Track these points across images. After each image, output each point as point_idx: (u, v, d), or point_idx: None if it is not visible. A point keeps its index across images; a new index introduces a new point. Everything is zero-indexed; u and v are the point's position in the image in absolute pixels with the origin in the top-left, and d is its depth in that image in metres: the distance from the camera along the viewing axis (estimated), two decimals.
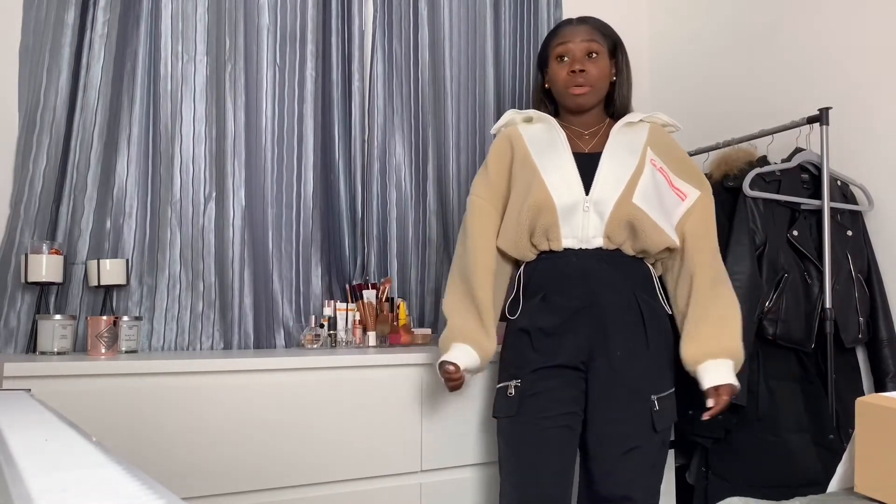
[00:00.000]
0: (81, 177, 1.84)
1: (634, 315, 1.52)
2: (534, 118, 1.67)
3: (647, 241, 1.52)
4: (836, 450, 1.80)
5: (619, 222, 1.50)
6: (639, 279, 1.56)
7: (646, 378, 1.50)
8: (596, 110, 1.65)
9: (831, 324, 1.90)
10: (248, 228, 2.02)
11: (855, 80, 2.14)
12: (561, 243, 1.52)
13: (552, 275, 1.54)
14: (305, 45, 2.15)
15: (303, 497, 1.54)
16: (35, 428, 0.70)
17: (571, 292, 1.51)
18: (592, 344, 1.50)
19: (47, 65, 1.82)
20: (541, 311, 1.53)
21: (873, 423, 0.89)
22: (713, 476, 1.90)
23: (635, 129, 1.63)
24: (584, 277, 1.51)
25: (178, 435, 1.42)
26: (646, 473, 1.50)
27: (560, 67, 1.60)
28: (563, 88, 1.61)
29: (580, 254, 1.53)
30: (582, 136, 1.63)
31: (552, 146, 1.59)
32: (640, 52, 2.92)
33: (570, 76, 1.58)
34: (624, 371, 1.49)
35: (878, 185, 2.06)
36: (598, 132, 1.63)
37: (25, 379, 1.29)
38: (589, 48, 1.60)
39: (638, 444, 1.48)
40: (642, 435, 1.48)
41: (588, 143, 1.62)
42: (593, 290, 1.50)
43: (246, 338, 1.98)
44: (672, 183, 1.60)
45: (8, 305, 1.75)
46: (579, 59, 1.58)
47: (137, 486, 0.44)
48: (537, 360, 1.51)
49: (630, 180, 1.52)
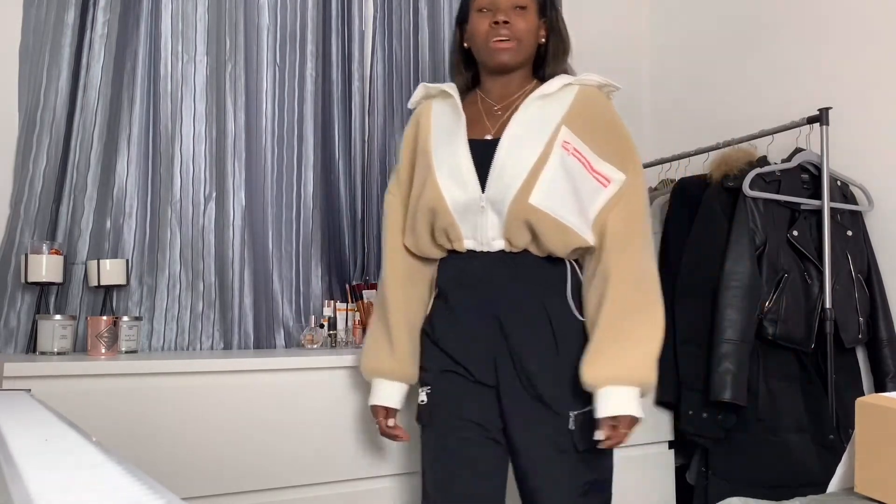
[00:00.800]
0: (81, 177, 1.84)
1: (542, 325, 1.33)
2: (446, 92, 1.45)
3: (550, 243, 1.31)
4: (836, 450, 1.80)
5: (516, 223, 1.31)
6: (550, 284, 1.35)
7: (558, 394, 1.31)
8: (521, 73, 1.43)
9: (831, 324, 1.90)
10: (248, 228, 2.02)
11: (855, 80, 2.14)
12: (462, 244, 1.36)
13: (453, 278, 1.39)
14: (305, 45, 2.15)
15: (303, 497, 1.54)
16: (35, 428, 0.70)
17: (473, 297, 1.35)
18: (496, 357, 1.33)
19: (47, 65, 1.82)
20: (442, 316, 1.40)
21: (873, 423, 0.89)
22: (713, 476, 1.90)
23: (553, 100, 1.38)
24: (484, 283, 1.34)
25: (178, 435, 1.42)
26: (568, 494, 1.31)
27: (481, 18, 1.38)
28: (484, 42, 1.38)
29: (482, 256, 1.35)
30: (492, 113, 1.42)
31: (451, 133, 1.39)
32: (640, 52, 2.92)
33: (492, 28, 1.37)
34: (533, 387, 1.31)
35: (878, 185, 2.06)
36: (514, 104, 1.40)
37: (25, 379, 1.29)
38: (515, 0, 1.38)
39: (561, 466, 1.31)
40: (563, 457, 1.30)
41: (497, 120, 1.40)
42: (495, 296, 1.34)
43: (246, 338, 1.98)
44: (592, 167, 1.35)
45: (8, 305, 1.75)
46: (504, 10, 1.37)
47: (137, 486, 0.44)
48: (442, 367, 1.38)
49: (530, 174, 1.30)
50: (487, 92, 1.46)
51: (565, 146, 1.33)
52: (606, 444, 1.27)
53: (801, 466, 1.83)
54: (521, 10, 1.38)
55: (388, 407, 1.43)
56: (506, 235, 1.33)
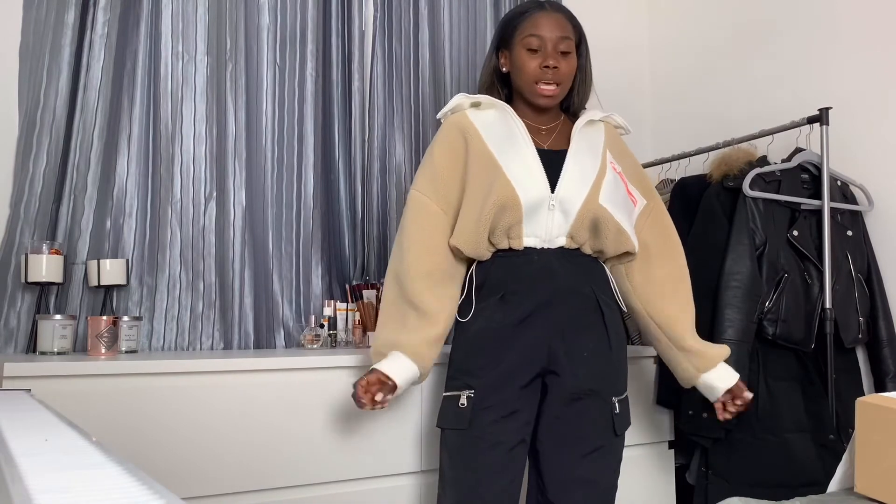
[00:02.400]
0: (81, 177, 1.84)
1: (596, 316, 1.46)
2: (483, 103, 1.53)
3: (608, 242, 1.46)
4: (836, 450, 1.80)
5: (584, 222, 1.43)
6: (597, 279, 1.50)
7: (606, 380, 1.45)
8: (554, 108, 1.55)
9: (831, 324, 1.90)
10: (248, 228, 2.02)
11: (855, 80, 2.14)
12: (522, 241, 1.44)
13: (513, 274, 1.44)
14: (305, 45, 2.15)
15: (303, 497, 1.53)
16: (35, 428, 0.70)
17: (534, 292, 1.43)
18: (552, 344, 1.42)
19: (47, 65, 1.82)
20: (498, 311, 1.43)
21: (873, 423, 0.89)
22: (713, 476, 1.90)
23: (594, 129, 1.56)
24: (549, 277, 1.43)
25: (178, 435, 1.42)
26: (607, 477, 1.45)
27: (531, 58, 1.46)
28: (532, 82, 1.47)
29: (542, 252, 1.44)
30: (539, 132, 1.53)
31: (511, 138, 1.47)
32: (641, 53, 2.92)
33: (541, 71, 1.46)
34: (585, 372, 1.42)
35: (878, 185, 2.06)
36: (555, 129, 1.54)
37: (25, 379, 1.29)
38: (563, 43, 1.47)
39: (599, 445, 1.42)
40: (603, 438, 1.43)
41: (546, 139, 1.52)
42: (556, 289, 1.43)
43: (246, 338, 1.98)
44: (628, 188, 1.55)
45: (8, 305, 1.75)
46: (552, 55, 1.46)
47: (137, 486, 0.44)
48: (493, 367, 1.41)
49: (595, 180, 1.46)
50: (523, 115, 1.54)
51: (613, 165, 1.52)
52: (742, 408, 1.54)
53: (801, 466, 1.83)
54: (566, 53, 1.49)
55: (396, 384, 1.38)
56: (570, 233, 1.44)
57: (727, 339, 1.84)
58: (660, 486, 2.02)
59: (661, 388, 2.01)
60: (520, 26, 1.48)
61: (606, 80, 2.83)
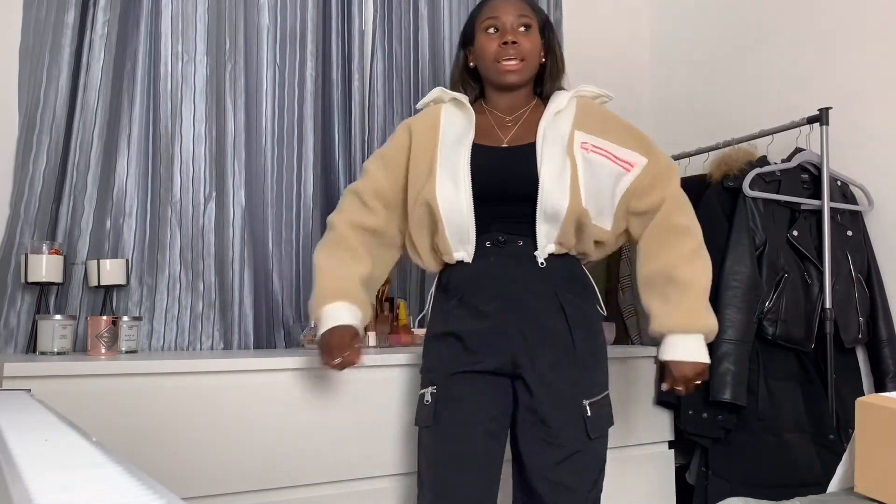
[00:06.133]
0: (81, 177, 1.84)
1: (558, 317, 1.39)
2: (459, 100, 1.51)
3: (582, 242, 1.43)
4: (836, 450, 1.80)
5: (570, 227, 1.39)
6: (563, 279, 1.43)
7: (575, 384, 1.38)
8: (526, 89, 1.52)
9: (831, 324, 1.90)
10: (248, 228, 2.02)
11: (855, 80, 2.14)
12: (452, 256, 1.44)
13: (470, 279, 1.42)
14: (305, 45, 2.15)
15: (302, 497, 1.53)
16: (35, 428, 0.70)
17: (493, 297, 1.39)
18: (515, 351, 1.38)
19: (47, 65, 1.82)
20: (457, 316, 1.41)
21: (873, 423, 0.89)
22: (713, 476, 1.90)
23: (562, 114, 1.49)
24: (508, 281, 1.40)
25: (178, 435, 1.42)
26: (585, 483, 1.38)
27: (489, 40, 1.46)
28: (493, 62, 1.46)
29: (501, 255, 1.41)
30: (503, 124, 1.50)
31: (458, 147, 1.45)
32: (641, 53, 2.92)
33: (501, 48, 1.44)
34: (551, 379, 1.37)
35: (878, 185, 2.06)
36: (523, 117, 1.50)
37: (25, 379, 1.29)
38: (521, 21, 1.46)
39: (573, 451, 1.36)
40: (577, 442, 1.36)
41: (509, 131, 1.49)
42: (514, 294, 1.39)
43: (246, 338, 1.98)
44: (615, 156, 1.45)
45: (8, 305, 1.75)
46: (511, 31, 1.45)
47: (137, 486, 0.44)
48: (455, 364, 1.39)
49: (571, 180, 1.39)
50: (494, 105, 1.53)
51: (584, 147, 1.44)
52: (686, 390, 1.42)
53: (801, 466, 1.83)
54: (526, 29, 1.47)
55: (357, 329, 1.39)
56: (559, 239, 1.40)
57: (727, 339, 1.84)
58: (660, 486, 2.02)
59: (661, 389, 2.01)
60: (479, 17, 1.51)
61: (607, 80, 2.84)
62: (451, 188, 1.40)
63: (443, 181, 1.41)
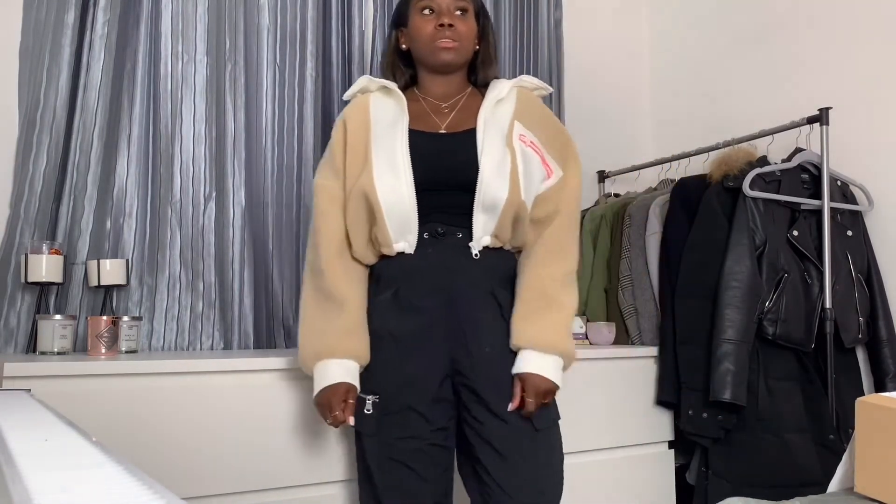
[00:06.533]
0: (81, 177, 1.84)
1: (493, 311, 1.37)
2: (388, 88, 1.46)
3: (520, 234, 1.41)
4: (836, 450, 1.80)
5: (508, 219, 1.36)
6: (499, 272, 1.41)
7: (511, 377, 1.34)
8: (460, 74, 1.48)
9: (831, 324, 1.90)
10: (248, 228, 2.02)
11: (855, 80, 2.14)
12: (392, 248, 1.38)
13: (405, 272, 1.37)
14: (305, 45, 2.15)
15: (302, 497, 1.53)
16: (35, 428, 0.70)
17: (428, 292, 1.35)
18: (453, 347, 1.34)
19: (47, 65, 1.82)
20: (393, 312, 1.37)
21: (873, 423, 0.89)
22: (713, 476, 1.90)
23: (502, 103, 1.45)
24: (443, 274, 1.36)
25: (178, 435, 1.42)
26: (540, 475, 1.34)
27: (426, 21, 1.42)
28: (430, 43, 1.42)
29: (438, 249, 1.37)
30: (439, 111, 1.46)
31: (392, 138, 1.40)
32: (641, 53, 2.92)
33: (437, 30, 1.41)
34: (491, 371, 1.34)
35: (878, 185, 2.06)
36: (459, 103, 1.47)
37: (25, 379, 1.29)
38: (458, 4, 1.43)
39: (522, 445, 1.32)
40: (524, 435, 1.32)
41: (446, 117, 1.45)
42: (450, 288, 1.35)
43: (246, 338, 1.98)
44: (544, 159, 1.43)
45: (8, 305, 1.74)
46: (447, 14, 1.41)
47: (137, 486, 0.44)
48: (395, 371, 1.34)
49: (511, 170, 1.36)
50: (427, 91, 1.49)
51: (522, 139, 1.41)
52: (530, 407, 1.30)
53: (801, 466, 1.83)
54: (462, 13, 1.44)
55: (348, 384, 1.32)
56: (495, 232, 1.37)
57: (727, 339, 1.84)
58: (660, 486, 2.02)
59: (661, 388, 2.01)
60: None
61: (607, 80, 2.85)
62: (391, 176, 1.35)
63: (380, 169, 1.36)
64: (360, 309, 1.39)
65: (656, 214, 2.16)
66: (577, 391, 1.89)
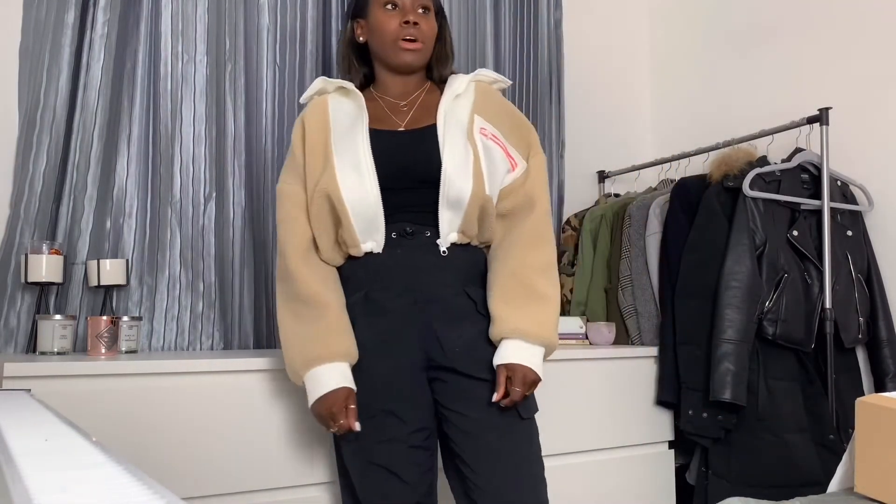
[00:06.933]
0: (81, 177, 1.84)
1: (467, 307, 1.36)
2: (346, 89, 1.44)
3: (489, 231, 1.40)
4: (836, 450, 1.80)
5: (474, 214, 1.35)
6: (467, 272, 1.39)
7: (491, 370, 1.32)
8: (419, 74, 1.47)
9: (831, 324, 1.90)
10: (248, 228, 2.02)
11: (855, 80, 2.14)
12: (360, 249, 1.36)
13: (374, 272, 1.36)
14: (305, 45, 2.15)
15: (302, 497, 1.53)
16: (35, 428, 0.70)
17: (399, 292, 1.34)
18: (425, 344, 1.32)
19: (47, 65, 1.82)
20: (363, 314, 1.35)
21: (873, 423, 0.89)
22: (713, 476, 1.90)
23: (461, 97, 1.44)
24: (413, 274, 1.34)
25: (178, 435, 1.42)
26: (524, 464, 1.31)
27: (389, 17, 1.38)
28: (393, 41, 1.39)
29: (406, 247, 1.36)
30: (398, 109, 1.43)
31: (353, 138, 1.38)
32: (641, 53, 2.92)
33: (402, 27, 1.37)
34: (468, 365, 1.31)
35: (878, 185, 2.06)
36: (418, 100, 1.45)
37: (25, 379, 1.29)
38: (422, 2, 1.41)
39: (507, 433, 1.30)
40: (508, 424, 1.30)
41: (405, 115, 1.43)
42: (421, 287, 1.34)
43: (246, 338, 1.98)
44: (507, 151, 1.41)
45: (8, 305, 1.74)
46: (412, 11, 1.38)
47: (137, 486, 0.44)
48: (369, 373, 1.31)
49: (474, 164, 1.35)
50: (385, 90, 1.46)
51: (483, 133, 1.39)
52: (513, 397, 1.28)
53: (801, 466, 1.83)
54: (424, 11, 1.42)
55: (346, 389, 1.29)
56: (462, 228, 1.36)
57: (727, 339, 1.84)
58: (660, 486, 2.02)
59: (661, 389, 2.01)
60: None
61: (606, 80, 2.85)
62: (355, 177, 1.33)
63: (343, 170, 1.34)
64: (340, 308, 1.36)
65: (656, 214, 2.16)
66: (577, 391, 1.89)
